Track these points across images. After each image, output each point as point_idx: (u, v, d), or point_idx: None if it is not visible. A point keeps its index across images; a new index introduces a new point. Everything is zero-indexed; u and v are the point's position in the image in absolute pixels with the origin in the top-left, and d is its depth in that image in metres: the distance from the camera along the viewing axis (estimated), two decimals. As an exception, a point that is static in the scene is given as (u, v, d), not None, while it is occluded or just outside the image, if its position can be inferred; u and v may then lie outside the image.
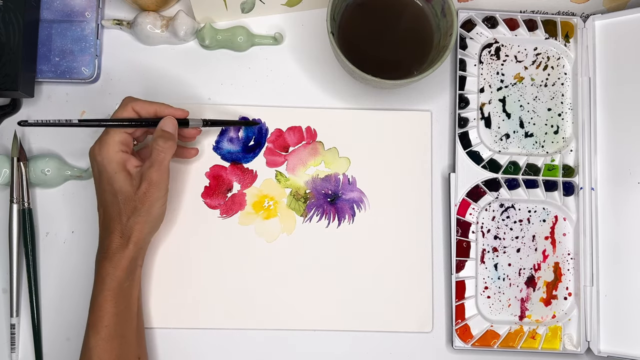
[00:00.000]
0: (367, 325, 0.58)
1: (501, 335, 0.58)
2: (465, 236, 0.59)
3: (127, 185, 0.51)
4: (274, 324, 0.58)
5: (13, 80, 0.56)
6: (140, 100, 0.54)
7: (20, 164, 0.58)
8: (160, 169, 0.52)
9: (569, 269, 0.60)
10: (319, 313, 0.58)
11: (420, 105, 0.62)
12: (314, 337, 0.58)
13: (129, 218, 0.51)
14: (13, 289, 0.57)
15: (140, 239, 0.52)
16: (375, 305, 0.59)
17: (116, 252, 0.51)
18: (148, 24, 0.60)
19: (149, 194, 0.52)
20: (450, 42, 0.54)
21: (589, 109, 0.60)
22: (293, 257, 0.59)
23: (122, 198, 0.51)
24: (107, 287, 0.51)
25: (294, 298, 0.58)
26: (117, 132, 0.52)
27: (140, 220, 0.52)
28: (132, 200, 0.51)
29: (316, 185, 0.60)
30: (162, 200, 0.53)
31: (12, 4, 0.57)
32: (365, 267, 0.59)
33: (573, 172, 0.61)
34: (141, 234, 0.52)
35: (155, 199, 0.52)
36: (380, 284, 0.59)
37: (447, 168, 0.61)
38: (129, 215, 0.51)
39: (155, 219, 0.53)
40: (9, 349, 0.57)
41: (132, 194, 0.51)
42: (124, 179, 0.52)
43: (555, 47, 0.63)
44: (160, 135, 0.53)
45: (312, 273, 0.59)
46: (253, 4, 0.61)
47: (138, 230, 0.52)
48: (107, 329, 0.50)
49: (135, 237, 0.52)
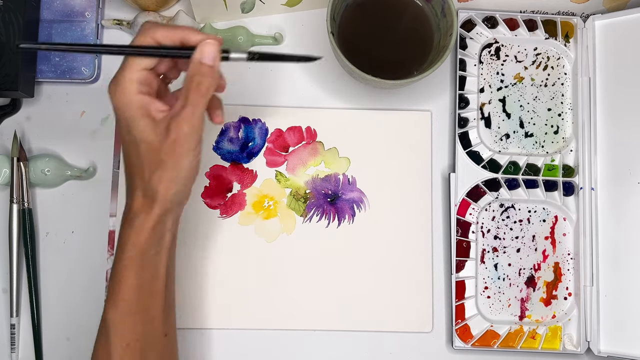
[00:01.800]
0: (367, 325, 0.58)
1: (501, 335, 0.58)
2: (465, 236, 0.59)
3: (150, 134, 0.42)
4: (273, 324, 0.58)
5: (13, 80, 0.56)
6: (162, 25, 0.44)
7: (20, 164, 0.58)
8: (193, 113, 0.42)
9: (569, 269, 0.60)
10: (318, 313, 0.58)
11: (420, 105, 0.62)
12: (314, 337, 0.58)
13: (152, 173, 0.42)
14: (13, 289, 0.57)
15: (166, 199, 0.43)
16: (375, 305, 0.59)
17: (138, 214, 0.43)
18: (148, 24, 0.60)
19: (178, 144, 0.42)
20: (450, 42, 0.54)
21: (589, 109, 0.60)
22: (293, 257, 0.59)
23: (145, 148, 0.42)
24: (126, 256, 0.43)
25: (294, 298, 0.58)
26: (135, 69, 0.43)
27: (166, 177, 0.42)
28: (156, 152, 0.42)
29: (316, 185, 0.60)
30: (194, 153, 0.43)
31: (12, 4, 0.57)
32: (365, 267, 0.59)
33: (573, 172, 0.61)
34: (167, 193, 0.43)
35: (185, 150, 0.42)
36: (380, 283, 0.59)
37: (447, 168, 0.61)
38: (153, 170, 0.42)
39: (185, 176, 0.44)
40: (9, 349, 0.57)
41: (157, 144, 0.42)
42: (147, 126, 0.42)
43: (555, 47, 0.63)
44: (197, 70, 0.43)
45: (312, 273, 0.59)
46: (253, 4, 0.61)
47: (164, 188, 0.43)
48: (127, 303, 0.43)
49: (160, 196, 0.43)
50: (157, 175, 0.43)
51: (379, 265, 0.59)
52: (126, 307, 0.43)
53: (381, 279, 0.59)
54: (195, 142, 0.43)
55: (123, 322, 0.43)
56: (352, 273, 0.59)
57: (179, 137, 0.42)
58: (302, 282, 0.59)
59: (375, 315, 0.58)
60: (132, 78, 0.43)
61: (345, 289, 0.59)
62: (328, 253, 0.59)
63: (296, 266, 0.59)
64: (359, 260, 0.59)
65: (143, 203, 0.43)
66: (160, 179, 0.43)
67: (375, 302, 0.59)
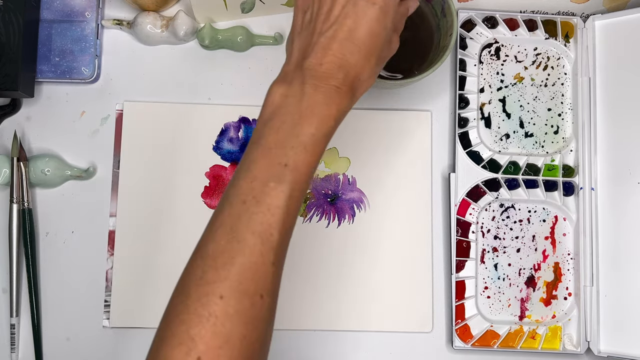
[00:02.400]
0: (367, 325, 0.58)
1: (501, 335, 0.58)
2: (465, 236, 0.59)
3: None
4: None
5: (13, 80, 0.56)
6: None
7: (20, 164, 0.58)
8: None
9: (569, 269, 0.60)
10: (318, 313, 0.58)
11: (420, 105, 0.62)
12: (314, 337, 0.58)
13: (315, 35, 0.42)
14: (13, 289, 0.57)
15: (331, 75, 0.40)
16: (375, 305, 0.59)
17: (286, 96, 0.41)
18: (148, 24, 0.60)
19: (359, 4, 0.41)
20: (450, 42, 0.54)
21: (589, 109, 0.60)
22: (293, 258, 0.59)
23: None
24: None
25: (294, 298, 0.58)
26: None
27: (339, 38, 0.41)
28: (326, 3, 0.42)
29: (316, 185, 0.60)
30: (388, 28, 0.43)
31: (12, 4, 0.57)
32: (365, 267, 0.59)
33: (573, 172, 0.61)
34: (332, 69, 0.41)
35: (375, 15, 0.42)
36: (380, 283, 0.59)
37: (447, 168, 0.61)
38: (317, 29, 0.42)
39: (367, 49, 0.42)
40: (9, 349, 0.57)
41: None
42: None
43: (555, 47, 0.63)
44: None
45: (311, 273, 0.59)
46: (253, 4, 0.61)
47: (330, 61, 0.41)
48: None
49: (321, 73, 0.40)
50: (324, 34, 0.42)
51: (379, 265, 0.59)
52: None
53: (381, 279, 0.59)
54: (390, 19, 0.43)
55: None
56: (351, 273, 0.59)
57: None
58: (302, 282, 0.59)
59: (375, 315, 0.58)
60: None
61: (345, 289, 0.59)
62: (328, 253, 0.59)
63: (296, 266, 0.59)
64: (359, 260, 0.59)
65: (294, 78, 0.41)
66: (330, 38, 0.41)
67: (375, 302, 0.59)
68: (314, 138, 0.40)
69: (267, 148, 0.40)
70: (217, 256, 0.38)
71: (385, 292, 0.59)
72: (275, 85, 0.42)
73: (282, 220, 0.39)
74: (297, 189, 0.39)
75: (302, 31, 0.44)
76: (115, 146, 0.60)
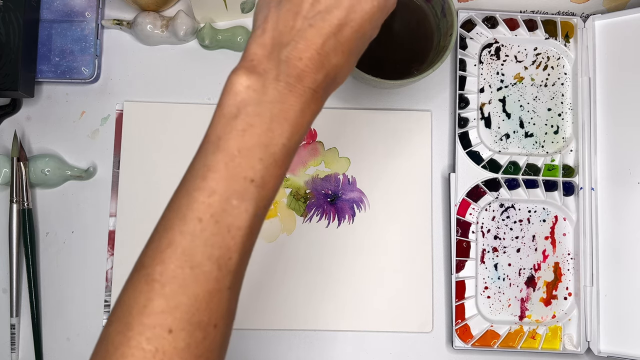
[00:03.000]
0: (367, 325, 0.58)
1: (501, 335, 0.58)
2: (465, 236, 0.59)
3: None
4: (273, 324, 0.58)
5: (13, 80, 0.56)
6: None
7: (20, 164, 0.58)
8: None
9: (569, 269, 0.60)
10: (318, 313, 0.58)
11: (420, 105, 0.62)
12: (314, 337, 0.58)
13: (298, 14, 0.36)
14: (13, 289, 0.57)
15: (312, 56, 0.35)
16: (376, 305, 0.59)
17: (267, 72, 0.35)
18: (148, 24, 0.60)
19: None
20: (450, 42, 0.54)
21: (589, 109, 0.60)
22: (293, 257, 0.59)
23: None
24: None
25: (294, 298, 0.58)
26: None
27: (320, 18, 0.36)
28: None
29: (316, 185, 0.60)
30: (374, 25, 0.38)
31: (12, 4, 0.57)
32: (365, 267, 0.59)
33: (573, 172, 0.61)
34: (313, 48, 0.35)
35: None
36: (380, 284, 0.59)
37: (447, 168, 0.61)
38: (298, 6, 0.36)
39: (353, 38, 0.37)
40: (9, 349, 0.57)
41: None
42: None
43: (555, 47, 0.63)
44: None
45: (312, 273, 0.59)
46: (253, 4, 0.61)
47: (310, 36, 0.35)
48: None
49: (305, 49, 0.35)
50: (310, 14, 0.36)
51: (379, 265, 0.59)
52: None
53: (381, 278, 0.59)
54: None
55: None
56: (352, 273, 0.59)
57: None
58: (302, 282, 0.59)
59: (375, 315, 0.58)
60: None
61: (345, 289, 0.59)
62: (328, 253, 0.59)
63: (296, 266, 0.59)
64: (359, 260, 0.59)
65: (264, 57, 0.36)
66: (312, 20, 0.36)
67: (375, 302, 0.59)
68: (285, 148, 0.34)
69: (230, 155, 0.33)
70: (165, 283, 0.32)
71: (385, 292, 0.59)
72: (241, 73, 0.34)
73: (243, 243, 0.33)
74: (262, 207, 0.34)
75: (283, 1, 0.36)
76: (115, 146, 0.60)
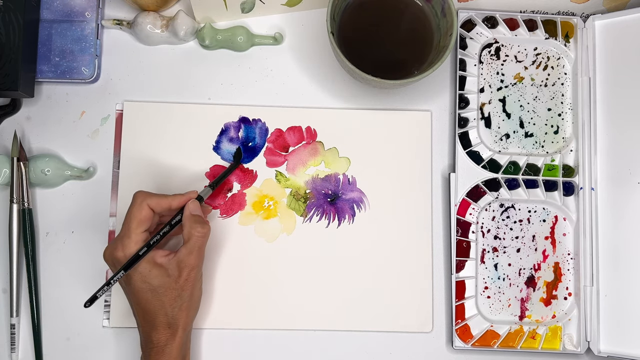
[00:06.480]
0: (367, 325, 0.58)
1: (501, 335, 0.58)
2: (465, 236, 0.59)
3: (165, 278, 0.51)
4: (273, 324, 0.58)
5: (13, 80, 0.56)
6: (152, 195, 0.53)
7: (20, 164, 0.58)
8: (199, 253, 0.52)
9: (569, 269, 0.60)
10: (319, 313, 0.58)
11: (420, 105, 0.62)
12: (314, 337, 0.58)
13: (174, 308, 0.51)
14: (13, 289, 0.57)
15: (187, 323, 0.52)
16: (376, 305, 0.59)
17: (167, 344, 0.51)
18: (148, 24, 0.60)
19: (190, 279, 0.52)
20: (450, 42, 0.54)
21: (589, 109, 0.60)
22: (293, 257, 0.59)
23: (163, 291, 0.51)
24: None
25: (294, 298, 0.58)
26: (139, 232, 0.51)
27: (185, 307, 0.52)
28: (173, 290, 0.51)
29: (316, 185, 0.60)
30: (201, 281, 0.54)
31: (12, 4, 0.57)
32: (365, 267, 0.59)
33: (573, 172, 0.61)
34: (188, 319, 0.52)
35: (196, 281, 0.53)
36: (380, 283, 0.59)
37: (447, 168, 0.61)
38: (173, 306, 0.51)
39: (197, 300, 0.54)
40: (9, 349, 0.57)
41: (172, 284, 0.51)
42: (160, 273, 0.51)
43: (555, 47, 0.63)
44: (197, 220, 0.52)
45: (312, 273, 0.59)
46: (253, 4, 0.61)
47: (184, 316, 0.52)
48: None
49: (182, 323, 0.52)
50: (177, 307, 0.51)
51: (379, 265, 0.59)
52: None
53: (381, 278, 0.59)
54: (200, 272, 0.53)
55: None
56: (352, 273, 0.59)
57: (190, 275, 0.52)
58: (302, 282, 0.59)
59: (375, 315, 0.58)
60: (139, 240, 0.51)
61: (345, 289, 0.59)
62: (328, 253, 0.59)
63: (296, 266, 0.59)
64: (359, 260, 0.59)
65: (170, 333, 0.51)
66: (181, 309, 0.51)
67: (375, 302, 0.59)
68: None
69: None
70: None
71: (385, 292, 0.59)
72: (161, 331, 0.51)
73: None
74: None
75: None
76: (115, 146, 0.60)
